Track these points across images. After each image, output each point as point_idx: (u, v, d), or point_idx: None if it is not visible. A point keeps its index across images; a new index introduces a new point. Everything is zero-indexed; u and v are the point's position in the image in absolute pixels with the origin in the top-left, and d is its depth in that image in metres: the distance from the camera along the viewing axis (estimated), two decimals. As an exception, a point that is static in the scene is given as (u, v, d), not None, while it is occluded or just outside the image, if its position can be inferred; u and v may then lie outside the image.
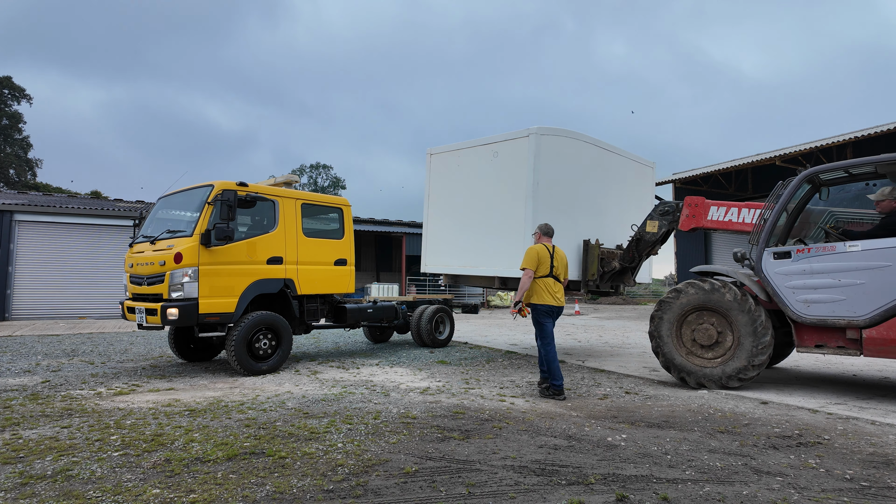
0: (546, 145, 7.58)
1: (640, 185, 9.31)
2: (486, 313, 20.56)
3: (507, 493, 3.07)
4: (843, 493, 3.09)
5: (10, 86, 41.24)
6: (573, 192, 7.98)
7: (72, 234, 17.07)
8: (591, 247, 7.91)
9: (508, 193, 7.78)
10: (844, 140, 15.66)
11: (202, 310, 6.64)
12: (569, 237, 7.74)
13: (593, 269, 7.84)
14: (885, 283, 5.12)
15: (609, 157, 8.59)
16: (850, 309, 5.33)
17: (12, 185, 38.69)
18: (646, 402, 5.51)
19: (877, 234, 5.42)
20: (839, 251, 5.44)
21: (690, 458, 3.69)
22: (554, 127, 7.77)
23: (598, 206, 8.32)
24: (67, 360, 8.33)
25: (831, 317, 5.44)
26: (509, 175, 7.77)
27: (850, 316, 5.33)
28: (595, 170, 8.34)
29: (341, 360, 8.45)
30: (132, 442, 4.01)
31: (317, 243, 8.09)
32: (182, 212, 7.53)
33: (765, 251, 5.93)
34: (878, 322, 5.17)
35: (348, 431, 4.32)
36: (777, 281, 5.80)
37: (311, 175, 58.27)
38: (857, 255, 5.32)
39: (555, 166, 7.69)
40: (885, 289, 5.13)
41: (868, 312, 5.22)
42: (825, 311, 5.48)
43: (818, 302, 5.52)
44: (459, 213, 8.71)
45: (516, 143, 7.75)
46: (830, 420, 4.76)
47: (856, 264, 5.32)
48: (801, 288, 5.63)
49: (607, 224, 8.32)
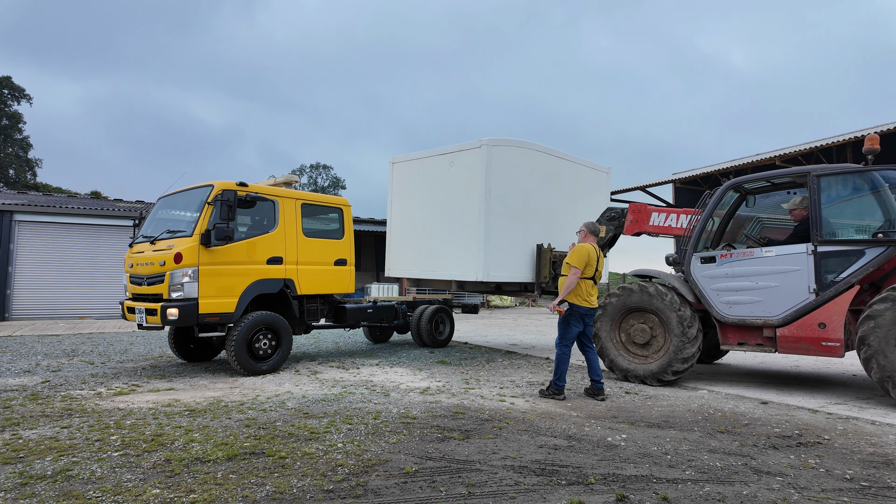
0: (497, 155, 7.94)
1: (596, 191, 9.75)
2: (486, 313, 20.56)
3: (507, 493, 3.07)
4: (843, 493, 3.09)
5: (10, 86, 41.25)
6: (526, 198, 8.35)
7: (72, 234, 17.07)
8: (543, 251, 8.31)
9: (463, 201, 8.10)
10: (844, 140, 15.66)
11: (202, 310, 6.64)
12: (522, 242, 8.23)
13: (545, 272, 8.24)
14: (796, 285, 5.58)
15: (562, 164, 9.01)
16: (766, 310, 5.78)
17: (12, 185, 38.69)
18: (646, 402, 5.51)
19: (790, 240, 5.85)
20: (756, 256, 5.89)
21: (690, 458, 3.69)
22: (506, 138, 8.13)
23: (551, 211, 8.70)
24: (67, 360, 8.33)
25: (750, 317, 5.89)
26: (464, 183, 8.09)
27: (765, 316, 5.79)
28: (548, 177, 8.73)
29: (341, 360, 8.45)
30: (132, 442, 4.01)
31: (317, 243, 8.09)
32: (182, 212, 7.53)
33: (693, 255, 6.34)
34: (789, 321, 5.62)
35: (348, 431, 4.32)
36: (703, 283, 6.23)
37: (311, 175, 58.29)
38: (772, 259, 5.77)
39: (507, 175, 8.05)
40: (795, 291, 5.60)
41: (781, 313, 5.68)
42: (745, 312, 5.93)
43: (739, 303, 5.97)
44: (419, 219, 9.01)
45: (470, 153, 8.09)
46: (830, 420, 4.76)
47: (770, 268, 5.77)
48: (724, 290, 6.07)
49: (561, 228, 8.70)
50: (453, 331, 10.48)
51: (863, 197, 5.63)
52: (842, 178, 5.65)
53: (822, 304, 5.46)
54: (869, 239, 5.37)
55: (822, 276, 5.47)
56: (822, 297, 5.44)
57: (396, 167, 9.41)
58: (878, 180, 5.48)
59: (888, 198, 5.42)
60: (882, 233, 5.33)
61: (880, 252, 5.23)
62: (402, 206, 9.44)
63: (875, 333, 5.02)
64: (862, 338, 5.10)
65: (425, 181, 8.70)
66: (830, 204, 5.64)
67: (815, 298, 5.48)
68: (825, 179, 5.64)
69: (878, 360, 5.01)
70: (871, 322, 5.06)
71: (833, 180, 5.65)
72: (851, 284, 5.34)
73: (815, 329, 5.46)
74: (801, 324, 5.55)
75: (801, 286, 5.56)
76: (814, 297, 5.49)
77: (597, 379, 5.65)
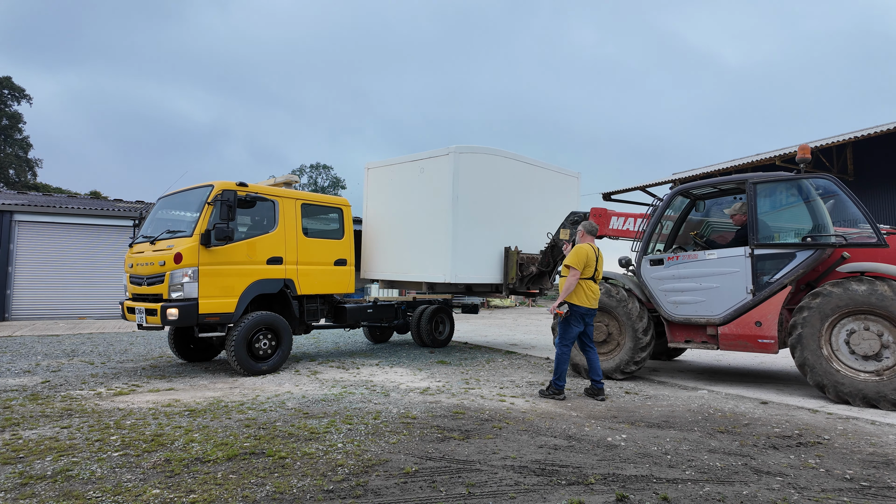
0: (465, 162, 8.24)
1: (565, 195, 10.04)
2: (486, 313, 20.57)
3: (507, 493, 3.07)
4: (843, 493, 3.09)
5: (10, 86, 41.25)
6: (493, 203, 8.66)
7: (71, 234, 17.07)
8: (510, 253, 8.64)
9: (433, 206, 8.36)
10: (844, 140, 15.67)
11: (202, 310, 6.64)
12: (490, 244, 8.56)
13: (513, 274, 8.56)
14: (735, 286, 5.93)
15: (530, 170, 9.36)
16: (709, 309, 6.11)
17: (12, 185, 38.69)
18: (646, 402, 5.51)
19: (731, 244, 6.24)
20: (700, 259, 6.23)
21: (690, 458, 3.69)
22: (472, 145, 8.42)
23: (519, 215, 9.01)
24: (67, 361, 8.33)
25: (694, 316, 6.22)
26: (434, 189, 8.35)
27: (708, 315, 6.12)
28: (516, 182, 9.07)
29: (341, 360, 8.45)
30: (132, 442, 4.01)
31: (317, 243, 8.09)
32: (182, 212, 7.53)
33: (643, 258, 6.65)
34: (729, 320, 5.96)
35: (348, 431, 4.32)
36: (652, 285, 6.55)
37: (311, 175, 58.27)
38: (714, 262, 6.12)
39: (474, 180, 8.35)
40: (734, 292, 5.94)
41: (722, 312, 6.00)
42: (690, 312, 6.26)
43: (684, 303, 6.30)
44: (392, 223, 9.24)
45: (439, 160, 8.37)
46: (830, 420, 4.76)
47: (712, 270, 6.11)
48: (671, 291, 6.40)
49: (529, 232, 9.00)
50: (453, 331, 10.48)
51: (794, 203, 6.00)
52: (776, 186, 6.04)
53: (758, 303, 5.79)
54: (799, 242, 5.70)
55: (758, 277, 5.80)
56: (758, 297, 5.78)
57: (371, 172, 9.69)
58: (807, 188, 5.85)
59: (817, 204, 5.79)
60: (810, 237, 5.67)
61: (809, 255, 5.58)
62: (376, 209, 9.71)
63: (804, 323, 5.45)
64: (793, 325, 5.55)
65: (398, 186, 8.95)
66: (766, 210, 6.01)
67: (752, 298, 5.81)
68: (761, 186, 6.00)
69: (802, 347, 5.47)
70: (803, 313, 5.49)
71: (768, 187, 6.03)
72: (784, 285, 5.67)
73: (752, 327, 5.80)
74: (739, 322, 5.88)
75: (740, 287, 5.90)
76: (751, 297, 5.83)
77: (597, 379, 5.65)
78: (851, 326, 5.29)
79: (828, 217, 5.75)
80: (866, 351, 5.18)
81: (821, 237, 5.61)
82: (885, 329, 5.13)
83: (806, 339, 5.44)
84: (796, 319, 5.52)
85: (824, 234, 5.63)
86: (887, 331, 5.11)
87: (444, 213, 8.17)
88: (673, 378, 6.78)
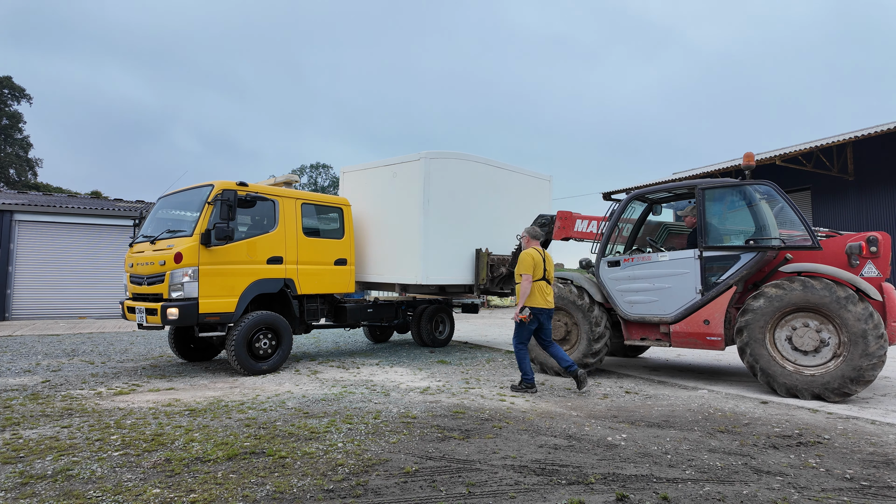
0: (435, 167, 8.48)
1: (537, 198, 10.30)
2: (486, 313, 20.57)
3: (507, 493, 3.07)
4: (843, 493, 3.09)
5: (10, 86, 41.24)
6: (465, 206, 8.91)
7: (72, 234, 17.07)
8: (481, 254, 8.90)
9: (406, 209, 8.56)
10: (844, 140, 15.67)
11: (202, 310, 6.64)
12: (461, 247, 8.82)
13: (483, 275, 8.84)
14: (685, 286, 6.22)
15: (501, 173, 9.64)
16: (661, 308, 6.40)
17: (12, 185, 38.68)
18: (646, 401, 5.51)
19: (683, 246, 6.57)
20: (653, 260, 6.51)
21: (690, 458, 3.69)
22: (443, 151, 8.72)
23: (490, 218, 9.25)
24: (67, 360, 8.34)
25: (648, 315, 6.50)
26: (406, 193, 8.56)
27: (661, 314, 6.41)
28: (487, 186, 9.32)
29: (341, 360, 8.45)
30: (132, 442, 4.01)
31: (317, 243, 8.09)
32: (182, 212, 7.53)
33: (601, 260, 6.94)
34: (680, 319, 6.25)
35: (348, 431, 4.32)
36: (610, 285, 6.83)
37: (311, 175, 58.30)
38: (666, 263, 6.40)
39: (445, 185, 8.58)
40: (684, 291, 6.22)
41: (673, 311, 6.29)
42: (644, 311, 6.54)
43: (639, 302, 6.59)
44: (368, 226, 9.38)
45: (410, 165, 8.60)
46: (830, 420, 4.76)
47: (664, 271, 6.40)
48: (627, 291, 6.68)
49: (501, 234, 9.23)
50: (453, 331, 10.48)
51: (739, 208, 6.30)
52: (722, 191, 6.30)
53: (706, 303, 6.09)
54: (743, 245, 6.00)
55: (706, 278, 6.10)
56: (706, 296, 6.07)
57: (347, 176, 9.91)
58: (750, 193, 6.11)
59: (760, 209, 6.06)
60: (753, 240, 5.98)
61: (752, 257, 5.86)
62: (353, 213, 9.86)
63: (748, 324, 5.72)
64: (739, 329, 5.80)
65: (373, 190, 9.12)
66: (714, 214, 6.30)
67: (701, 298, 6.11)
68: (709, 192, 6.27)
69: (750, 348, 5.72)
70: (746, 315, 5.75)
71: (715, 193, 6.29)
72: (730, 285, 5.97)
73: (701, 325, 6.11)
74: (689, 321, 6.19)
75: (690, 287, 6.19)
76: (700, 296, 6.12)
77: (569, 366, 5.91)
78: (793, 324, 5.58)
79: (770, 220, 6.01)
80: (807, 347, 5.47)
81: (763, 240, 5.91)
82: (822, 325, 5.43)
83: (752, 339, 5.69)
84: (741, 321, 5.77)
85: (766, 237, 5.93)
86: (825, 326, 5.42)
87: (416, 216, 8.40)
88: (673, 378, 6.78)
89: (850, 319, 5.22)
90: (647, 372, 7.29)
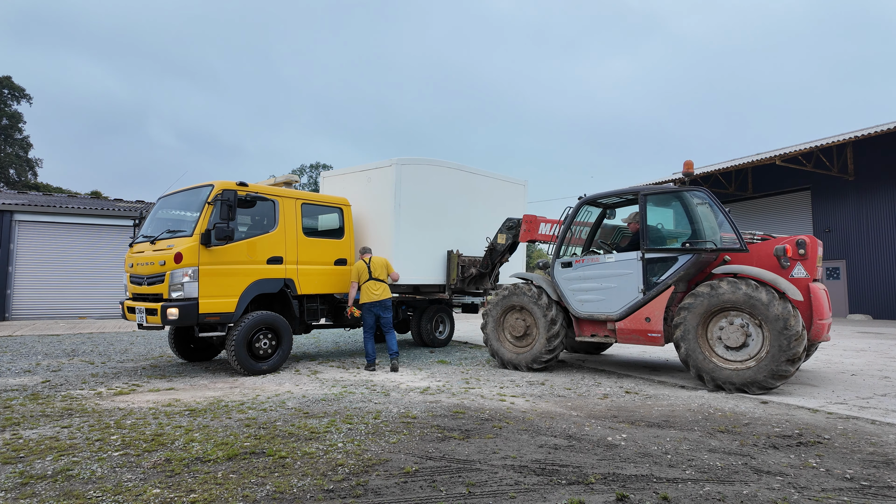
0: (407, 173, 8.82)
1: (512, 202, 10.67)
2: (486, 313, 20.55)
3: (507, 493, 3.07)
4: (843, 493, 3.09)
5: (10, 86, 41.22)
6: (436, 209, 9.27)
7: (72, 234, 17.07)
8: (452, 256, 9.27)
9: (379, 212, 8.88)
10: (844, 140, 15.66)
11: (202, 310, 6.64)
12: (433, 248, 9.18)
13: (454, 275, 9.24)
14: (629, 286, 6.60)
15: (473, 178, 10.03)
16: (608, 307, 6.78)
17: (12, 185, 38.67)
18: (646, 401, 5.51)
19: (628, 248, 6.94)
20: (601, 262, 6.89)
21: (690, 458, 3.69)
22: (415, 157, 9.10)
23: (462, 220, 9.64)
24: (67, 360, 8.34)
25: (597, 312, 6.89)
26: (380, 197, 8.87)
27: (608, 312, 6.79)
28: (459, 190, 9.70)
29: (341, 360, 8.45)
30: (132, 442, 4.01)
31: (317, 243, 8.09)
32: (182, 212, 7.53)
33: (556, 261, 7.31)
34: (625, 316, 6.63)
35: (348, 431, 4.32)
36: (563, 285, 7.21)
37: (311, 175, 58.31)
38: (613, 265, 6.78)
39: (416, 189, 8.93)
40: (628, 291, 6.61)
41: (619, 309, 6.68)
42: (593, 309, 6.93)
43: (588, 301, 6.97)
44: None
45: (383, 170, 8.91)
46: (830, 420, 4.76)
47: (611, 272, 6.78)
48: (578, 290, 7.07)
49: (473, 236, 9.66)
50: (453, 330, 10.48)
51: (677, 213, 6.65)
52: (662, 197, 6.69)
53: (647, 301, 6.47)
54: (679, 248, 6.37)
55: (648, 278, 6.48)
56: (647, 296, 6.46)
57: (326, 181, 10.18)
58: (688, 199, 6.45)
59: (695, 213, 6.40)
60: (689, 243, 6.34)
61: (689, 259, 6.23)
62: None
63: (683, 322, 6.11)
64: (675, 325, 6.20)
65: (350, 194, 9.35)
66: (655, 218, 6.67)
67: (643, 297, 6.49)
68: (650, 198, 6.63)
69: (684, 343, 6.10)
70: (682, 313, 6.15)
71: (656, 198, 6.68)
72: (669, 285, 6.34)
73: (643, 322, 6.48)
74: (633, 318, 6.57)
75: (633, 287, 6.57)
76: (642, 296, 6.50)
77: (393, 352, 7.51)
78: (721, 323, 5.97)
79: (705, 225, 6.36)
80: (734, 343, 5.86)
81: (698, 243, 6.28)
82: (747, 322, 5.81)
83: (687, 335, 6.08)
84: (677, 319, 6.17)
85: (701, 240, 6.28)
86: (750, 323, 5.79)
87: (389, 218, 8.68)
88: (673, 378, 6.79)
89: (770, 317, 5.58)
90: (647, 372, 7.29)
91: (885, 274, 16.86)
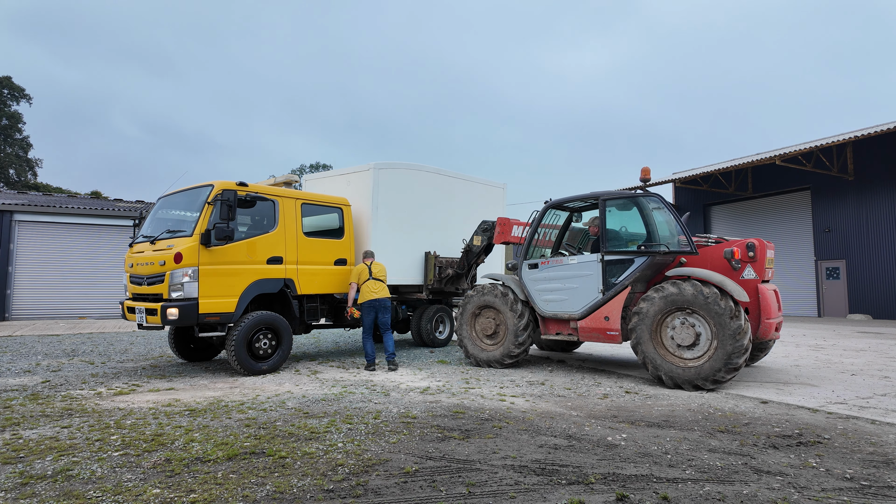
0: (384, 176, 9.06)
1: (491, 204, 10.99)
2: (486, 313, 20.54)
3: (507, 493, 3.07)
4: (843, 493, 3.09)
5: (10, 86, 41.22)
6: (414, 212, 9.52)
7: (72, 234, 17.08)
8: (429, 257, 9.54)
9: (358, 215, 9.03)
10: (844, 140, 15.67)
11: (202, 310, 6.64)
12: (410, 250, 9.43)
13: (431, 276, 9.51)
14: (590, 287, 6.87)
15: (451, 182, 10.31)
16: (571, 306, 7.05)
17: (12, 185, 38.67)
18: (646, 401, 5.51)
19: (590, 250, 7.24)
20: (565, 263, 7.16)
21: (690, 458, 3.69)
22: (392, 161, 9.38)
23: (440, 223, 9.92)
24: (67, 360, 8.34)
25: (560, 312, 7.15)
26: (359, 200, 9.03)
27: (570, 311, 7.05)
28: (437, 193, 9.97)
29: (341, 360, 8.45)
30: (132, 442, 4.01)
31: (317, 243, 8.09)
32: (182, 212, 7.53)
33: (523, 262, 7.57)
34: (586, 315, 6.90)
35: (348, 431, 4.32)
36: (529, 285, 7.49)
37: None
38: (575, 266, 7.05)
39: (394, 193, 9.18)
40: (589, 291, 6.87)
41: (580, 308, 6.94)
42: (557, 308, 7.19)
43: (553, 301, 7.23)
44: None
45: (361, 174, 9.15)
46: (830, 419, 4.76)
47: (574, 273, 7.05)
48: (543, 290, 7.33)
49: (451, 238, 9.95)
50: (453, 330, 10.48)
51: (634, 217, 6.86)
52: (620, 202, 6.91)
53: (606, 301, 6.72)
54: (635, 250, 6.62)
55: (607, 279, 6.74)
56: (606, 296, 6.72)
57: (308, 184, 10.35)
58: (644, 204, 6.71)
59: (650, 218, 6.65)
60: (643, 245, 6.61)
61: (644, 261, 6.49)
62: None
63: (639, 323, 6.32)
64: (631, 329, 6.41)
65: None
66: (614, 222, 6.93)
67: (602, 297, 6.75)
68: (609, 202, 6.90)
69: (641, 343, 6.31)
70: (636, 316, 6.35)
71: (614, 203, 6.91)
72: (626, 286, 6.60)
73: (602, 321, 6.74)
74: (593, 317, 6.84)
75: (593, 287, 6.84)
76: (601, 296, 6.76)
77: (390, 353, 7.53)
78: (675, 322, 6.17)
79: (660, 228, 6.60)
80: (686, 341, 6.07)
81: (652, 245, 6.54)
82: (696, 321, 6.02)
83: (642, 336, 6.30)
84: (633, 321, 6.38)
85: (655, 242, 6.54)
86: (699, 322, 6.00)
87: (367, 220, 8.89)
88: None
89: (716, 316, 5.84)
90: (647, 372, 7.29)
91: (884, 274, 16.87)
